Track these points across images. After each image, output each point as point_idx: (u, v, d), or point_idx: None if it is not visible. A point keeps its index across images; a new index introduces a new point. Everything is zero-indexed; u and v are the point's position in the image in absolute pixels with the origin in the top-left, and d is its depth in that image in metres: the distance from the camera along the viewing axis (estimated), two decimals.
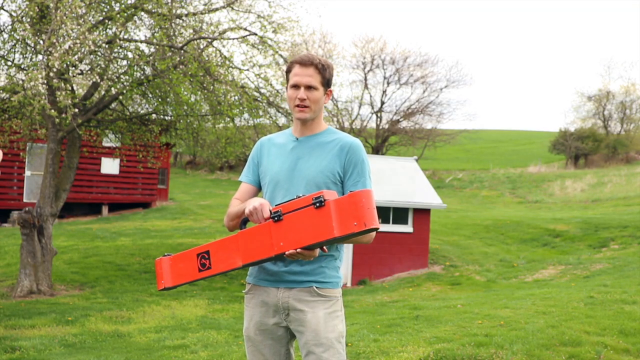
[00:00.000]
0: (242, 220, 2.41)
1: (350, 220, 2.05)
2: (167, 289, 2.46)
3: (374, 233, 2.40)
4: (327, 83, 2.50)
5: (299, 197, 2.21)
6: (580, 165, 39.57)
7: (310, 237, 2.13)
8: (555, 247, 14.69)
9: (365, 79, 33.92)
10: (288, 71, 2.53)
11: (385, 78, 34.07)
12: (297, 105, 2.47)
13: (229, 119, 10.45)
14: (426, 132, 35.01)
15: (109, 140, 12.96)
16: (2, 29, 9.36)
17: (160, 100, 10.35)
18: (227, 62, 10.29)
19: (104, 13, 9.27)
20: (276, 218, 2.20)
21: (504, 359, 4.87)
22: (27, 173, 18.38)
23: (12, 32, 9.19)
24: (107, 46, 8.94)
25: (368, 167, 2.50)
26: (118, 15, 8.82)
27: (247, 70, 10.51)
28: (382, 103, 34.15)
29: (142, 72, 9.81)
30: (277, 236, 2.20)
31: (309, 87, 2.45)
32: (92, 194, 19.99)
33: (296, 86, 2.47)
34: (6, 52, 9.64)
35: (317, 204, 2.11)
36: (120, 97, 10.32)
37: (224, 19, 11.14)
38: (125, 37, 9.64)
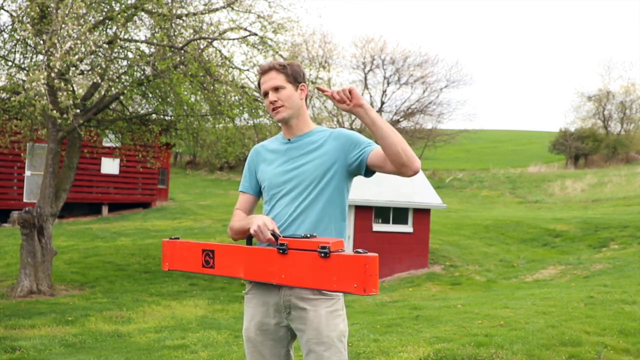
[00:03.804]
0: (248, 238, 2.44)
1: (351, 281, 2.08)
2: (172, 271, 2.60)
3: (413, 154, 2.37)
4: (294, 79, 2.52)
5: (307, 236, 2.25)
6: (580, 165, 39.59)
7: (310, 281, 2.18)
8: (555, 247, 14.69)
9: (365, 79, 33.94)
10: (259, 85, 2.58)
11: (385, 78, 34.11)
12: (272, 109, 2.53)
13: (229, 119, 10.45)
14: (426, 132, 35.06)
15: (109, 140, 12.97)
16: (2, 29, 9.37)
17: (160, 100, 10.36)
18: (228, 62, 10.30)
19: (104, 13, 9.28)
20: (281, 250, 2.24)
21: (504, 359, 4.87)
22: (27, 173, 18.38)
23: (13, 33, 9.19)
24: (107, 46, 8.94)
25: (362, 136, 2.54)
26: (118, 16, 8.82)
27: (248, 70, 10.52)
28: (382, 103, 34.17)
29: (142, 72, 9.81)
30: (280, 267, 2.25)
31: (276, 89, 2.50)
32: (92, 194, 20.00)
33: (266, 94, 2.53)
34: (7, 52, 9.65)
35: (322, 254, 2.14)
36: (121, 97, 10.32)
37: (224, 19, 11.17)
38: (126, 37, 9.65)
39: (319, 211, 2.45)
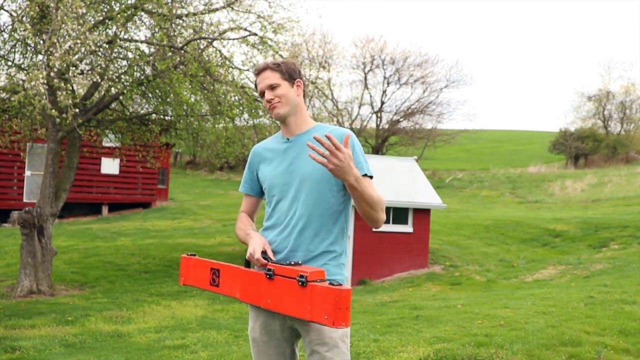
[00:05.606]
0: (245, 261, 2.47)
1: (323, 312, 2.09)
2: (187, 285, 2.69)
3: (383, 217, 2.42)
4: (289, 76, 2.52)
5: (291, 263, 2.26)
6: (580, 165, 39.60)
7: (290, 308, 2.21)
8: (555, 247, 14.69)
9: (365, 79, 33.94)
10: (256, 86, 2.59)
11: (385, 78, 34.11)
12: (270, 107, 2.53)
13: (228, 119, 10.45)
14: (426, 132, 35.06)
15: (109, 140, 12.97)
16: (2, 29, 9.37)
17: (160, 100, 10.36)
18: (227, 62, 10.30)
19: (104, 13, 9.27)
20: (268, 276, 2.28)
21: (504, 359, 4.87)
22: (27, 173, 18.38)
23: (13, 32, 9.19)
24: (107, 46, 8.94)
25: (363, 153, 2.51)
26: (118, 16, 8.82)
27: (247, 70, 10.52)
28: (382, 103, 34.18)
29: (142, 72, 9.81)
30: (267, 291, 2.30)
31: (271, 88, 2.50)
32: (92, 194, 20.00)
33: (262, 93, 2.54)
34: (6, 52, 9.65)
35: (300, 283, 2.16)
36: (121, 97, 10.32)
37: (224, 19, 11.17)
38: (126, 37, 9.64)
39: (320, 213, 2.44)
